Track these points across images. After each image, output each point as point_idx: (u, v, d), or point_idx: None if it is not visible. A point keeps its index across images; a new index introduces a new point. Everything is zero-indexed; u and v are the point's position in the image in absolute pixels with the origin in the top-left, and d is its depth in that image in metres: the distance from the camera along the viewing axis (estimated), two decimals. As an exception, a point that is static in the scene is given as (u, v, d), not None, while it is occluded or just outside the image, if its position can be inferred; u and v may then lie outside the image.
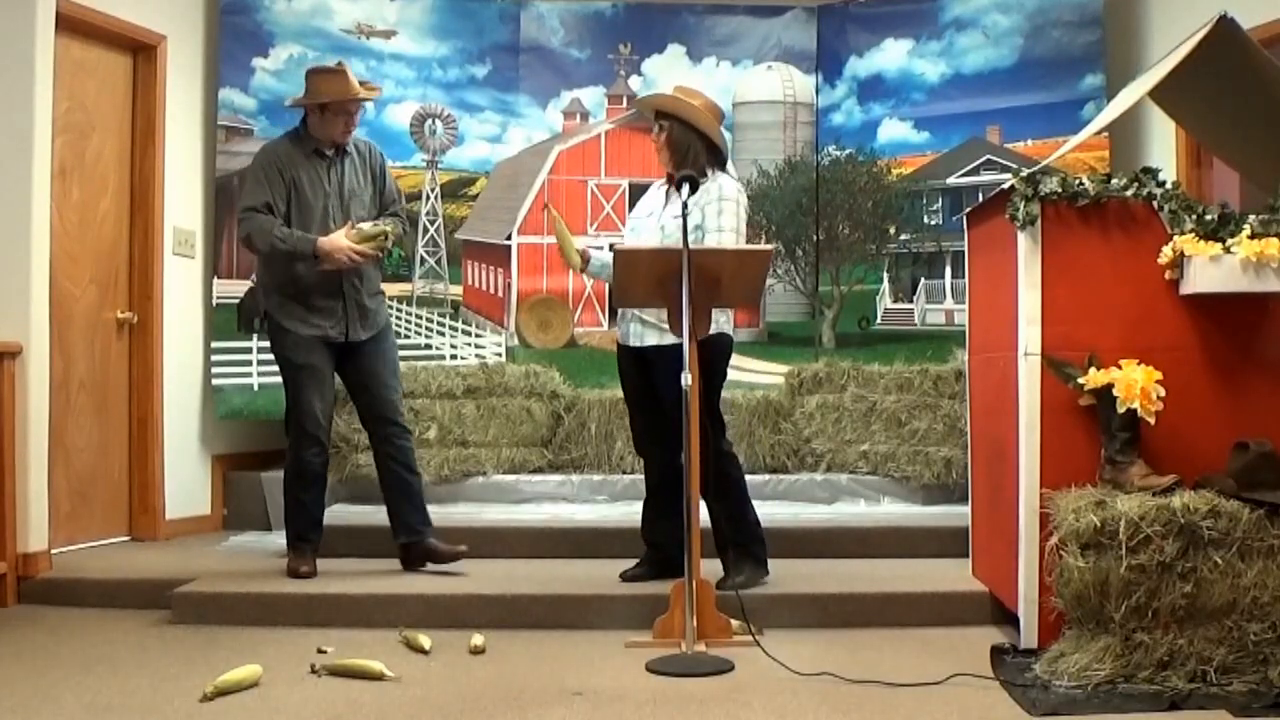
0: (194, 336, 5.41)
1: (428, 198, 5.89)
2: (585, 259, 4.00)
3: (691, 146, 3.82)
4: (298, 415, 4.11)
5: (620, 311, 3.96)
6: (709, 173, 3.83)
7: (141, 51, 5.10)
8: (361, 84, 4.21)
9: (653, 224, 3.88)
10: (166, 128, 5.17)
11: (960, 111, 5.76)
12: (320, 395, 4.11)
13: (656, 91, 4.18)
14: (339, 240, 4.00)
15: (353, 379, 4.23)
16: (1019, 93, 5.63)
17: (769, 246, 4.82)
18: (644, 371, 3.89)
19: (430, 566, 4.12)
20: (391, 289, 5.80)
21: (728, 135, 5.79)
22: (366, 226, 4.06)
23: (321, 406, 4.11)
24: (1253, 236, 3.14)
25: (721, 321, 3.83)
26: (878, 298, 5.91)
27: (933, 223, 5.83)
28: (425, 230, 5.90)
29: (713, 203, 3.77)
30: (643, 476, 4.14)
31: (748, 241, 3.97)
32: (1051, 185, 3.28)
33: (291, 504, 4.17)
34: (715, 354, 3.79)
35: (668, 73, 5.91)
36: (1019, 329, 3.32)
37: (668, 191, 3.90)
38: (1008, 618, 3.52)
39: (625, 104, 5.98)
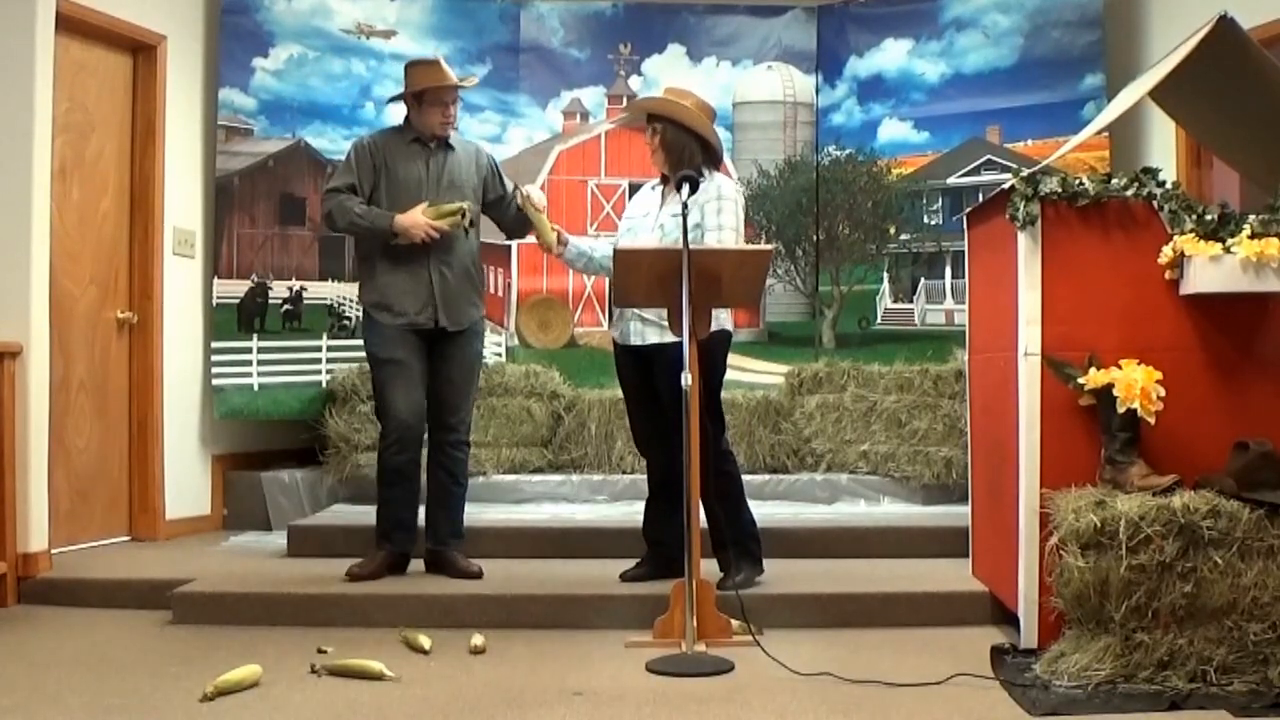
0: (194, 336, 5.41)
1: (428, 198, 5.89)
2: (562, 240, 4.00)
3: (686, 147, 3.82)
4: (380, 412, 4.08)
5: (618, 310, 3.96)
6: (705, 172, 3.84)
7: (141, 51, 5.11)
8: (461, 79, 4.23)
9: (649, 224, 3.88)
10: (166, 128, 5.17)
11: (960, 111, 5.76)
12: (405, 391, 4.02)
13: (649, 94, 4.18)
14: (416, 216, 3.96)
15: (430, 376, 4.14)
16: (1019, 93, 5.63)
17: (769, 246, 4.82)
18: (644, 370, 3.89)
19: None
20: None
21: (727, 135, 5.82)
22: (442, 204, 4.01)
23: (407, 404, 4.01)
24: (1253, 236, 3.13)
25: (722, 318, 3.83)
26: (878, 298, 5.91)
27: (933, 223, 5.83)
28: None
29: (711, 201, 3.78)
30: (643, 476, 4.15)
31: (746, 241, 3.97)
32: (1051, 185, 3.28)
33: (378, 503, 4.12)
34: (715, 350, 3.80)
35: (668, 73, 5.91)
36: (1019, 329, 3.31)
37: (663, 192, 3.91)
38: (1008, 618, 3.52)
39: (625, 104, 5.98)
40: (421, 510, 4.15)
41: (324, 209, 4.11)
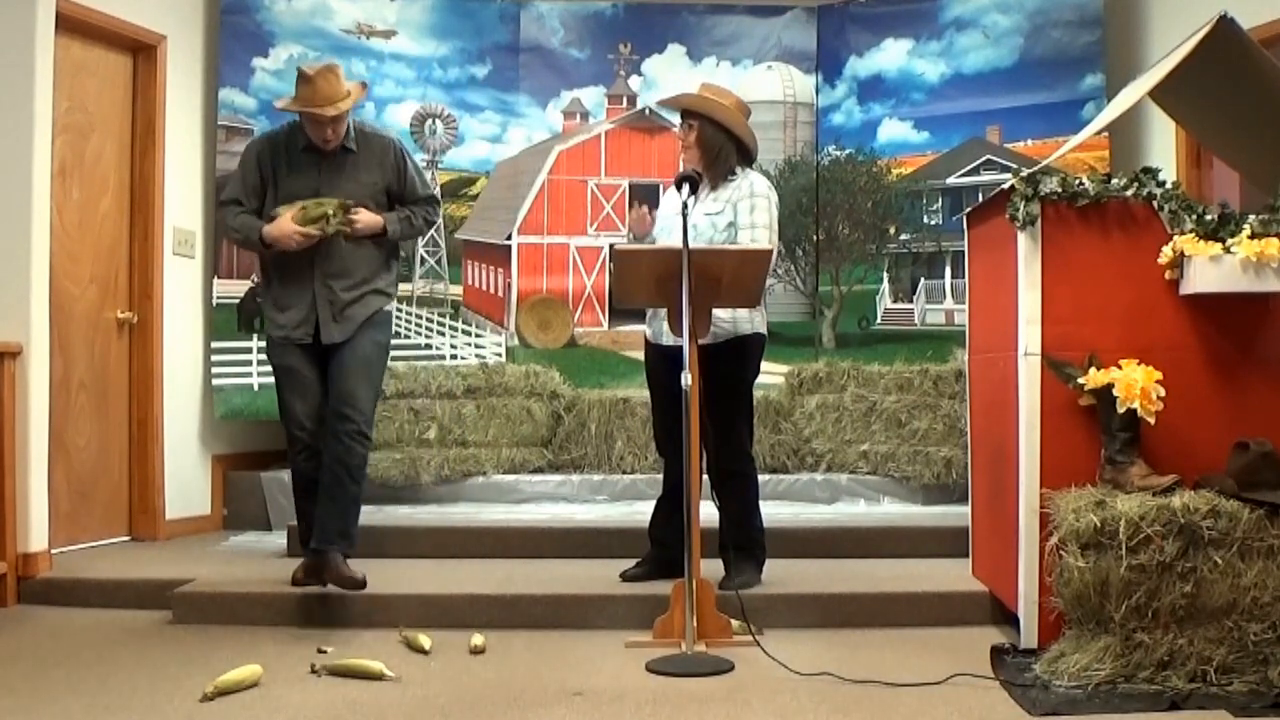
0: (194, 336, 5.41)
1: (428, 198, 5.89)
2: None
3: (723, 147, 3.83)
4: (282, 420, 3.93)
5: (651, 310, 3.92)
6: (738, 170, 3.85)
7: (141, 51, 5.11)
8: (350, 90, 3.79)
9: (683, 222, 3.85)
10: (166, 128, 5.17)
11: (960, 111, 5.76)
12: (301, 397, 3.85)
13: (684, 91, 4.10)
14: (284, 224, 3.71)
15: (328, 367, 3.87)
16: (1019, 93, 5.63)
17: (769, 246, 4.81)
18: (674, 371, 3.83)
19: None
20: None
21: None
22: (311, 206, 3.72)
23: (303, 408, 3.84)
24: (1253, 236, 3.14)
25: (756, 321, 3.87)
26: (878, 298, 5.91)
27: (933, 223, 5.83)
28: (425, 230, 5.90)
29: (745, 199, 3.79)
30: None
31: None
32: (1051, 185, 3.28)
33: (296, 512, 4.00)
34: (753, 352, 3.87)
35: (668, 73, 5.91)
36: (1019, 329, 3.32)
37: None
38: (1008, 618, 3.52)
39: (625, 104, 5.98)
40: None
41: (220, 210, 3.99)
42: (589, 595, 3.78)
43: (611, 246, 3.85)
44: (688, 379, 3.35)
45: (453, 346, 5.89)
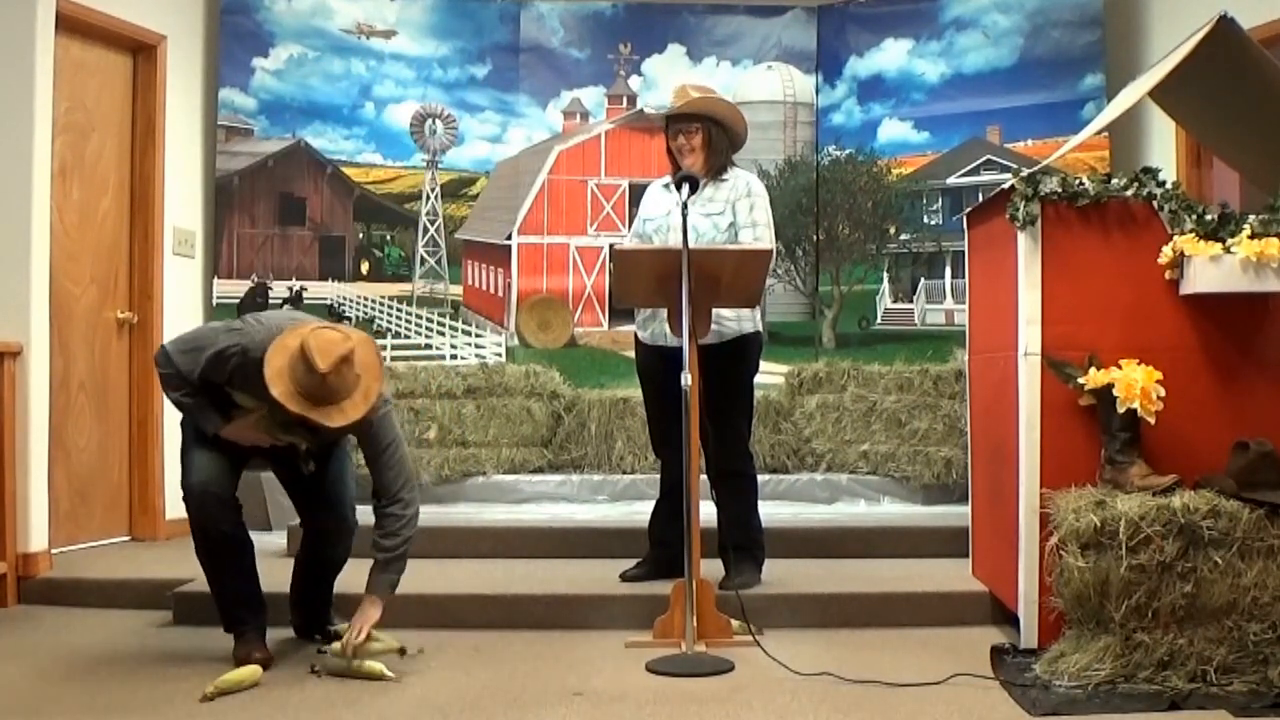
0: (194, 336, 5.40)
1: (428, 198, 5.90)
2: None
3: (726, 148, 3.87)
4: (190, 479, 3.20)
5: (650, 311, 3.89)
6: (728, 169, 3.85)
7: (141, 51, 5.11)
8: (365, 384, 3.02)
9: (677, 223, 3.83)
10: (166, 128, 5.17)
11: (960, 111, 5.76)
12: (216, 451, 3.23)
13: (693, 95, 4.02)
14: (247, 433, 3.20)
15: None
16: (1019, 93, 5.63)
17: (769, 246, 4.81)
18: (675, 371, 3.81)
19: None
20: (391, 289, 5.82)
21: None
22: (279, 429, 3.18)
23: (215, 454, 3.22)
24: (1253, 236, 3.13)
25: (757, 319, 3.91)
26: (878, 298, 5.91)
27: (933, 223, 5.83)
28: (425, 230, 5.90)
29: (743, 199, 3.80)
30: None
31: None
32: (1051, 185, 3.28)
33: (216, 579, 3.33)
34: (754, 353, 3.90)
35: (668, 73, 5.91)
36: (1019, 329, 3.32)
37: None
38: (1008, 618, 3.52)
39: (625, 104, 5.98)
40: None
41: (160, 367, 3.20)
42: (589, 595, 3.78)
43: (611, 246, 3.84)
44: (688, 379, 3.34)
45: (453, 346, 5.89)
